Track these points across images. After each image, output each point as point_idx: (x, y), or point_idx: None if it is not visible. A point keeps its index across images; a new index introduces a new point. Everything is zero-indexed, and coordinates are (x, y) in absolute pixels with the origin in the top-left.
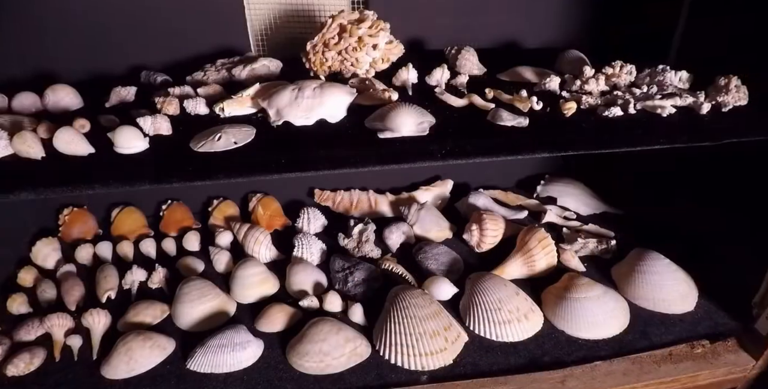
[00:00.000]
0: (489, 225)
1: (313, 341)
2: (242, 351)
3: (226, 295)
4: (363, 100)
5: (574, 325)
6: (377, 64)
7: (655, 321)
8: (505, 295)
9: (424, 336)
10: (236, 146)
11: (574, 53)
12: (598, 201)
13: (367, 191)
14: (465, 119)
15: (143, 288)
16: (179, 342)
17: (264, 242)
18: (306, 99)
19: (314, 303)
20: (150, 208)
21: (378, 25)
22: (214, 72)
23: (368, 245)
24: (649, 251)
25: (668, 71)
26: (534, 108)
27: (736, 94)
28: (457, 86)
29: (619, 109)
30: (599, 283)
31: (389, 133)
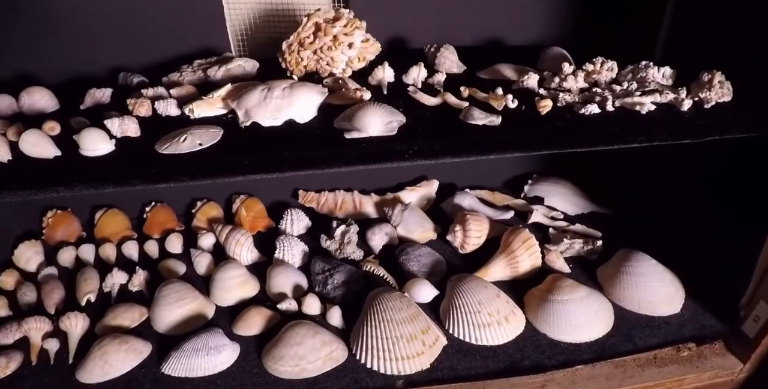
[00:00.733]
0: (472, 226)
1: (288, 345)
2: (217, 354)
3: (205, 298)
4: (335, 99)
5: (556, 328)
6: (353, 63)
7: (640, 323)
8: (485, 297)
9: (401, 340)
10: (201, 148)
11: (556, 50)
12: (586, 201)
13: (352, 192)
14: (437, 119)
15: (124, 291)
16: (156, 345)
17: (245, 244)
18: (275, 99)
19: (293, 305)
20: (134, 210)
21: (353, 24)
22: (190, 73)
23: (350, 247)
24: (634, 252)
25: (651, 67)
26: (509, 106)
27: (720, 90)
28: (434, 85)
29: (596, 106)
30: (583, 285)
31: (356, 133)
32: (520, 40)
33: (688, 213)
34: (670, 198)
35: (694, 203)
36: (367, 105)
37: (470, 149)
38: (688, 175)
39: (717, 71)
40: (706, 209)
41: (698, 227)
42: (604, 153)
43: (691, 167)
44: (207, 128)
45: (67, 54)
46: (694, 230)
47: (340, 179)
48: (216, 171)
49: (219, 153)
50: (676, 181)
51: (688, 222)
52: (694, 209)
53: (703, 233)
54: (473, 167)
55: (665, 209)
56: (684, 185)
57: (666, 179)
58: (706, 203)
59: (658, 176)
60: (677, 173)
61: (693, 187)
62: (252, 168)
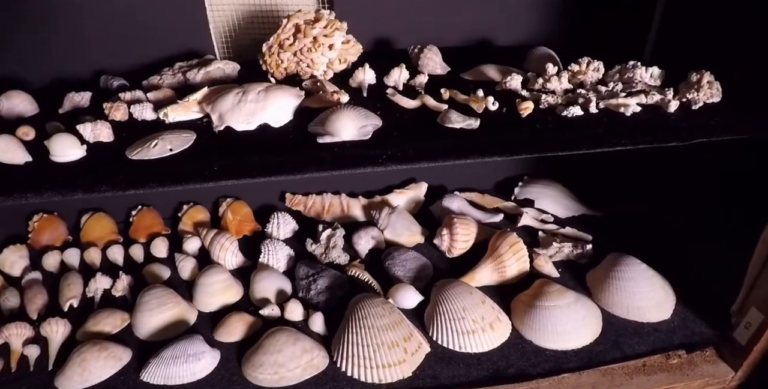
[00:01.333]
0: (459, 230)
1: (268, 352)
2: (196, 362)
3: (188, 303)
4: (312, 103)
5: (542, 335)
6: (334, 65)
7: (629, 330)
8: (469, 303)
9: (382, 348)
10: (172, 153)
11: (542, 50)
12: (578, 203)
13: (340, 195)
14: (415, 122)
15: (107, 296)
16: (136, 352)
17: (230, 248)
18: (249, 103)
19: (275, 311)
20: (121, 214)
21: (333, 25)
22: (170, 76)
23: (335, 251)
24: (624, 256)
25: (639, 67)
26: (490, 109)
27: (709, 90)
28: (415, 87)
29: (578, 108)
30: (571, 290)
31: (329, 137)
32: (509, 40)
33: (681, 216)
34: (664, 200)
35: (688, 205)
36: (340, 109)
37: (446, 154)
38: (682, 176)
39: (706, 71)
40: (700, 212)
41: (691, 230)
42: (597, 155)
43: (686, 168)
44: (180, 133)
45: (50, 57)
46: (687, 233)
47: (328, 181)
48: (186, 177)
49: (189, 159)
50: (670, 182)
51: (681, 225)
52: (688, 212)
53: (696, 236)
54: (463, 170)
55: (658, 212)
56: (678, 186)
57: (660, 181)
58: (700, 205)
59: (651, 178)
60: (671, 175)
61: (687, 188)
62: (222, 174)
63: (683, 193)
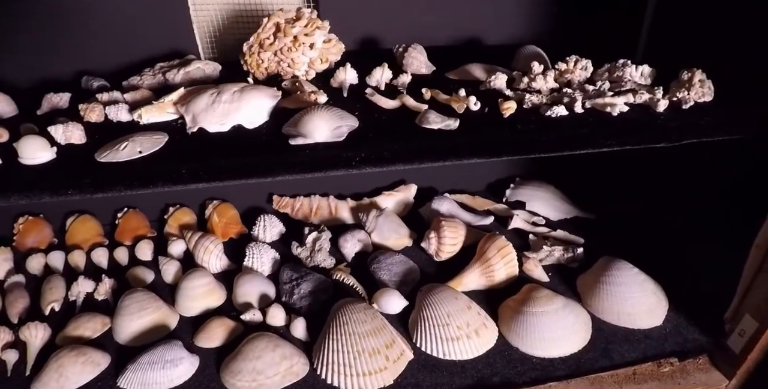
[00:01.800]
0: (447, 233)
1: (247, 358)
2: (173, 368)
3: (169, 308)
4: (289, 103)
5: (529, 342)
6: (315, 64)
7: (619, 336)
8: (454, 309)
9: (363, 354)
10: (141, 156)
11: (531, 49)
12: (570, 205)
13: (328, 197)
14: (394, 123)
15: (90, 300)
16: (115, 357)
17: (214, 251)
18: (222, 104)
19: (257, 316)
20: (107, 216)
21: (314, 24)
22: (150, 76)
23: (321, 255)
24: (616, 260)
25: (629, 66)
26: (471, 109)
27: (700, 89)
28: (397, 87)
29: (563, 108)
30: (561, 295)
31: (301, 139)
32: (499, 39)
33: (676, 217)
34: (658, 202)
35: (684, 206)
36: (314, 110)
37: (423, 156)
38: (679, 177)
39: (697, 69)
40: (696, 213)
41: (687, 233)
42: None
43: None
44: (151, 135)
45: (34, 58)
46: (682, 235)
47: (316, 183)
48: (153, 180)
49: (159, 161)
50: (666, 183)
51: (676, 227)
52: (684, 213)
53: (692, 239)
54: (454, 171)
55: (653, 214)
56: (674, 187)
57: (655, 181)
58: (696, 206)
59: (647, 179)
60: (667, 175)
61: (684, 189)
62: (190, 177)
63: (679, 194)
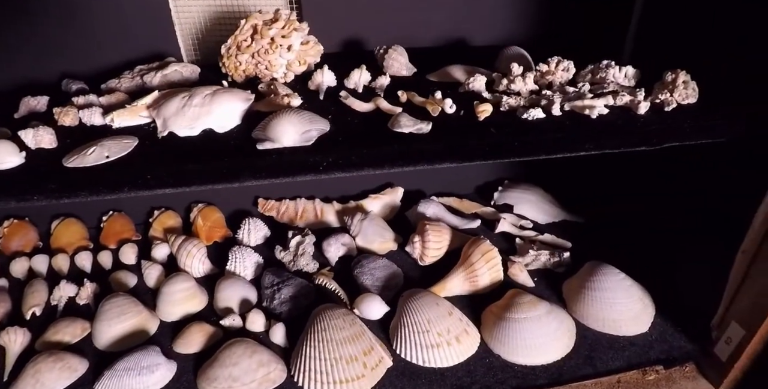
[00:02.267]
0: (431, 237)
1: (224, 365)
2: (149, 375)
3: (150, 313)
4: (262, 106)
5: (511, 349)
6: (293, 66)
7: (603, 343)
8: (435, 315)
9: (340, 362)
10: (108, 161)
11: (514, 50)
12: (559, 208)
13: (314, 200)
14: (366, 126)
15: (72, 304)
16: (93, 363)
17: (197, 255)
18: (193, 107)
19: (236, 322)
20: (93, 219)
21: (291, 25)
22: (128, 79)
23: (304, 259)
24: (602, 265)
25: (612, 67)
26: (447, 112)
27: (684, 91)
28: (375, 89)
29: (540, 110)
30: (545, 301)
31: (269, 144)
32: (485, 40)
33: (667, 221)
34: (649, 205)
35: (675, 209)
36: (282, 113)
37: (392, 160)
38: (672, 178)
39: (681, 70)
40: (688, 217)
41: (677, 237)
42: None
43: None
44: (121, 139)
45: (15, 60)
46: (672, 239)
47: (302, 186)
48: (118, 186)
49: (125, 166)
50: (657, 185)
51: (666, 231)
52: (675, 217)
53: (682, 243)
54: (442, 174)
55: (643, 218)
56: (666, 189)
57: (647, 184)
58: (688, 209)
59: (638, 181)
60: (660, 177)
61: (673, 192)
62: (156, 183)
63: (671, 196)
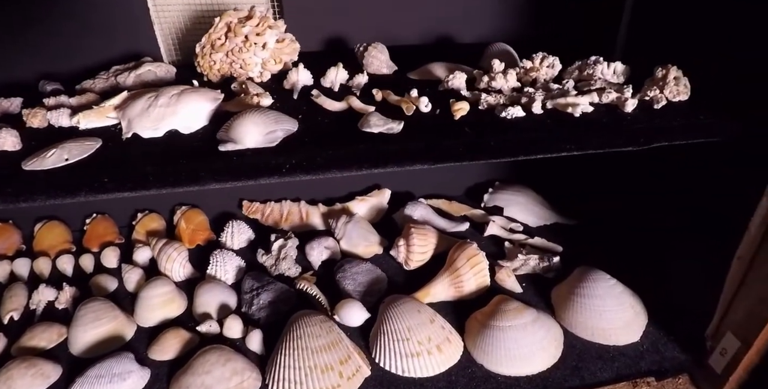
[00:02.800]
0: (416, 240)
1: (196, 373)
2: (120, 382)
3: (126, 318)
4: (232, 106)
5: (494, 359)
6: (268, 65)
7: (592, 353)
8: (416, 323)
9: (315, 371)
10: (67, 163)
11: (500, 46)
12: (550, 211)
13: (299, 203)
14: (337, 126)
15: (51, 309)
16: (67, 369)
17: (178, 259)
18: (158, 108)
19: (213, 327)
20: (77, 222)
21: (265, 23)
22: (104, 80)
23: (286, 263)
24: (592, 271)
25: (600, 63)
26: (422, 110)
27: (675, 87)
28: (352, 88)
29: (520, 109)
30: (532, 308)
31: (231, 145)
32: (474, 37)
33: (662, 224)
34: (644, 208)
35: (670, 211)
36: (246, 113)
37: (359, 162)
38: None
39: (672, 66)
40: (682, 220)
41: (673, 242)
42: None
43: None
44: (83, 141)
45: None
46: (667, 244)
47: (287, 188)
48: (76, 189)
49: (84, 169)
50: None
51: (660, 235)
52: (670, 220)
53: (678, 249)
54: (432, 175)
55: (635, 221)
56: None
57: (643, 185)
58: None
59: (632, 183)
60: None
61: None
62: (114, 185)
63: (667, 198)
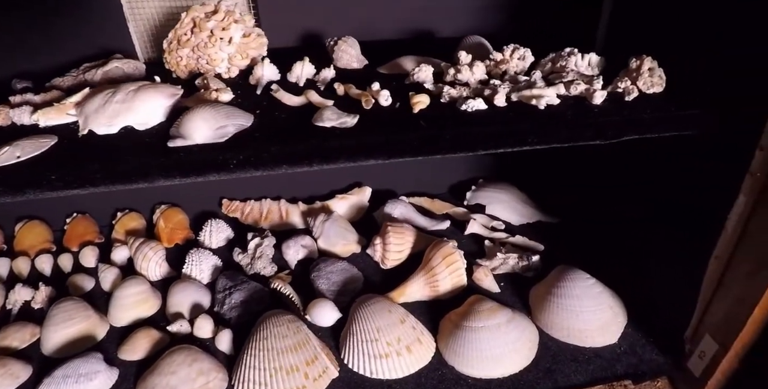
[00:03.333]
0: (392, 239)
1: (162, 373)
2: (87, 382)
3: (99, 317)
4: (191, 102)
5: (466, 360)
6: (234, 60)
7: (567, 355)
8: (385, 323)
9: (280, 372)
10: (18, 161)
11: (474, 39)
12: (533, 209)
13: (279, 201)
14: (293, 121)
15: (27, 309)
16: (37, 369)
17: (154, 258)
18: (114, 104)
19: (183, 327)
20: (59, 221)
21: (230, 17)
22: (73, 77)
23: (261, 262)
24: (570, 270)
25: (575, 55)
26: (382, 104)
27: (649, 78)
28: (317, 82)
29: (481, 101)
30: (507, 308)
31: (180, 140)
32: (453, 32)
33: (647, 222)
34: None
35: (658, 211)
36: (196, 108)
37: (309, 157)
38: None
39: (647, 56)
40: (668, 219)
41: (655, 240)
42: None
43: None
44: (38, 139)
45: None
46: (649, 242)
47: (268, 186)
48: (23, 187)
49: (34, 167)
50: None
51: (644, 233)
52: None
53: (661, 247)
54: (414, 172)
55: (620, 219)
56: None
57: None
58: (671, 211)
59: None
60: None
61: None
62: (62, 184)
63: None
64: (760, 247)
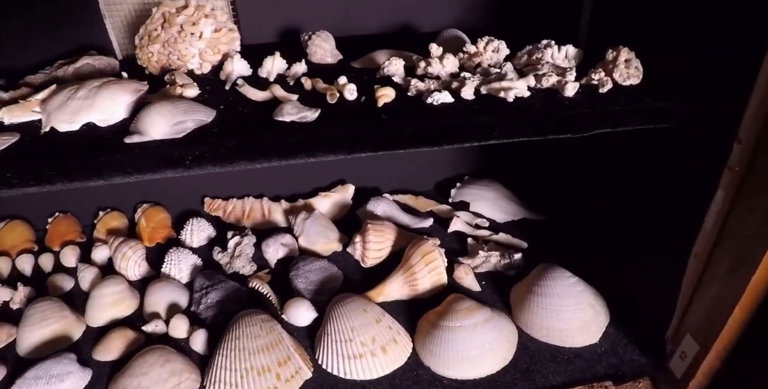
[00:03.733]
0: (372, 237)
1: (134, 374)
2: (58, 383)
3: (76, 318)
4: (155, 98)
5: (442, 361)
6: (205, 56)
7: (546, 356)
8: (360, 323)
9: (251, 373)
10: None
11: (451, 32)
12: (518, 206)
13: (261, 199)
14: (255, 116)
15: (5, 309)
16: (12, 370)
17: (133, 257)
18: (76, 101)
19: (159, 327)
20: (42, 221)
21: (200, 11)
22: (45, 74)
23: (240, 261)
24: (552, 268)
25: (551, 47)
26: (347, 98)
27: (626, 70)
28: (288, 77)
29: (447, 94)
30: (486, 307)
31: (137, 137)
32: (435, 26)
33: (633, 220)
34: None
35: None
36: (154, 104)
37: (267, 153)
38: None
39: (623, 47)
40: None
41: (640, 238)
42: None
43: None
44: (1, 137)
45: None
46: (634, 240)
47: (251, 184)
48: None
49: None
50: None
51: (629, 231)
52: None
53: (646, 245)
54: (399, 169)
55: (605, 216)
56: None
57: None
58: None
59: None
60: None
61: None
62: (18, 182)
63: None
64: (739, 243)
